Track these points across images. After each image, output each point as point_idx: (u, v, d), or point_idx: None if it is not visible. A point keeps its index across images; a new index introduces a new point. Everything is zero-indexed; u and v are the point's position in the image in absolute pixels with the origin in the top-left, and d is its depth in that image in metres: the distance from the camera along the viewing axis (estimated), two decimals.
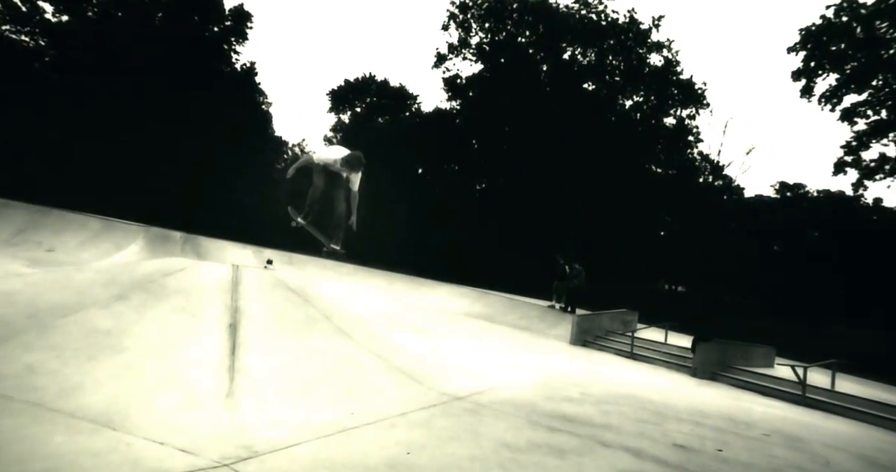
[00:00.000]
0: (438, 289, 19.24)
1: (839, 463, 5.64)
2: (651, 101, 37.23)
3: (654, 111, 37.32)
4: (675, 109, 37.31)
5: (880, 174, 34.54)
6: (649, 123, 36.96)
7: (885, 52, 33.85)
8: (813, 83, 35.64)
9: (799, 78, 35.87)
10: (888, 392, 11.41)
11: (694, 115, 37.13)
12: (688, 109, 36.98)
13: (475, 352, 9.54)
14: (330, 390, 5.32)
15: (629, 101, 37.81)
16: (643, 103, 37.48)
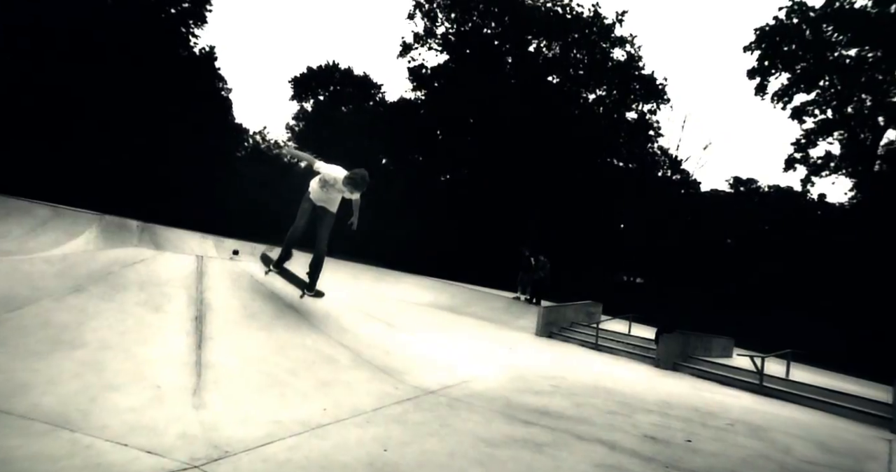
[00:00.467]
0: (403, 280, 19.12)
1: (798, 450, 5.83)
2: (613, 95, 37.81)
3: (616, 105, 37.93)
4: (636, 104, 38.05)
5: (826, 171, 36.14)
6: (611, 117, 37.55)
7: (830, 54, 35.28)
8: (766, 82, 36.92)
9: (754, 76, 37.09)
10: (837, 380, 11.95)
11: (655, 110, 37.96)
12: (649, 104, 37.78)
13: (444, 344, 9.48)
14: (301, 386, 5.17)
15: (592, 94, 38.35)
16: (606, 97, 38.05)
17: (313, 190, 6.30)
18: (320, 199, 6.24)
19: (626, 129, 38.05)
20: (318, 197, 6.23)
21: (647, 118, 37.94)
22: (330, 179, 6.05)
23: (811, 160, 36.52)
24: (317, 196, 6.27)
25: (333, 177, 6.02)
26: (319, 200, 6.25)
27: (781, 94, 36.61)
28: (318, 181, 6.24)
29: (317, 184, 6.27)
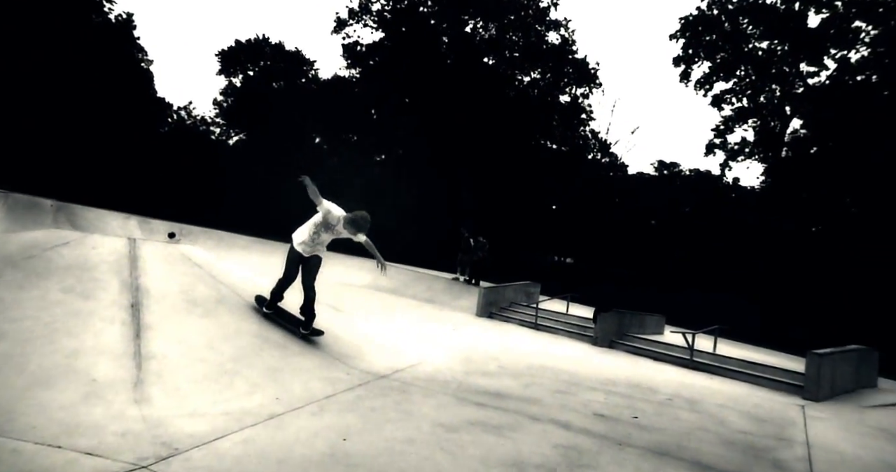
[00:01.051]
0: (341, 262, 18.77)
1: (732, 421, 6.21)
2: (548, 78, 38.31)
3: (550, 88, 38.47)
4: (570, 88, 38.72)
5: (741, 156, 38.41)
6: (545, 100, 38.09)
7: (746, 46, 37.31)
8: (690, 70, 38.57)
9: (679, 64, 38.64)
10: (756, 353, 12.85)
11: (587, 94, 38.79)
12: (582, 88, 38.54)
13: (389, 327, 9.42)
14: (250, 375, 4.95)
15: (527, 77, 38.68)
16: (540, 80, 38.50)
17: (302, 241, 5.95)
18: (307, 250, 5.97)
19: (559, 112, 38.72)
20: (306, 249, 5.96)
21: (580, 102, 38.77)
22: (333, 220, 5.77)
23: (729, 146, 38.68)
24: (304, 248, 5.96)
25: (337, 217, 5.76)
26: (307, 252, 5.99)
27: (703, 81, 38.41)
28: (313, 226, 5.89)
29: (307, 232, 5.91)
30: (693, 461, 4.50)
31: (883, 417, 7.68)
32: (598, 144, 42.00)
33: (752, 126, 37.90)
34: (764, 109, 37.26)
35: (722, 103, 38.30)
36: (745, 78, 37.66)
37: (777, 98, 36.97)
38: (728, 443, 5.23)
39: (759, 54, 37.10)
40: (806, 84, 36.54)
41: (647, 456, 4.46)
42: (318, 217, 5.84)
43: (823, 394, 8.45)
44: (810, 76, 36.40)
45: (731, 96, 38.12)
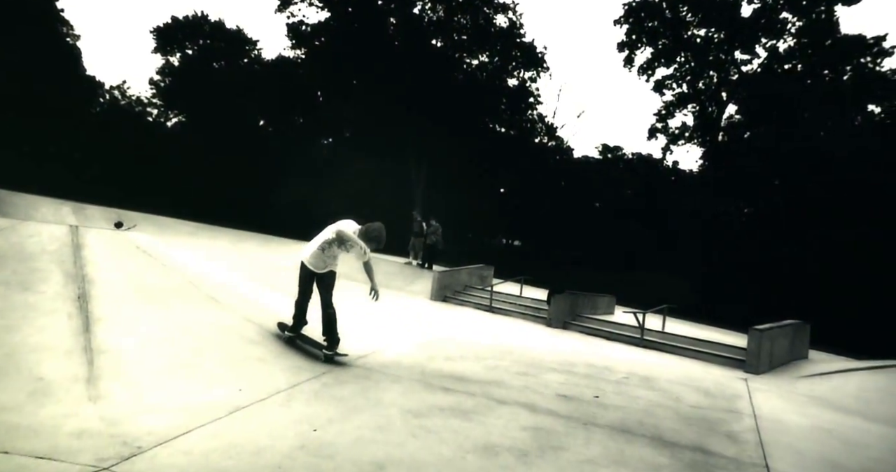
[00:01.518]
0: (290, 247, 18.38)
1: (685, 397, 6.48)
2: (496, 61, 38.32)
3: (497, 72, 38.53)
4: (517, 71, 38.89)
5: (682, 140, 39.84)
6: (493, 84, 38.15)
7: (685, 33, 38.50)
8: (633, 55, 39.44)
9: (623, 49, 39.44)
10: (700, 330, 13.47)
11: (535, 78, 39.09)
12: (529, 72, 38.78)
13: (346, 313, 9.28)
14: (210, 367, 4.78)
15: (475, 60, 38.56)
16: (488, 64, 38.47)
17: (313, 257, 5.71)
18: (320, 266, 5.74)
19: (507, 95, 38.88)
20: (318, 265, 5.73)
21: (528, 86, 39.02)
22: (349, 241, 5.50)
23: (670, 130, 39.99)
24: (317, 264, 5.73)
25: (352, 234, 5.50)
26: (321, 268, 5.76)
27: (646, 67, 39.39)
28: (325, 242, 5.62)
29: (319, 248, 5.67)
30: (655, 437, 4.67)
31: (815, 386, 8.21)
32: (545, 127, 42.57)
33: (691, 111, 39.32)
34: (702, 95, 38.66)
35: (663, 89, 39.48)
36: (685, 64, 38.87)
37: (714, 84, 38.40)
38: (684, 418, 5.45)
39: (698, 42, 38.33)
40: (740, 71, 38.13)
41: (613, 435, 4.59)
42: (332, 235, 5.56)
43: (763, 367, 8.96)
44: (744, 64, 38.01)
45: (672, 82, 39.34)
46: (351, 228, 5.51)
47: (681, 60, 39.22)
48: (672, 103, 39.57)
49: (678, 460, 4.15)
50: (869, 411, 6.99)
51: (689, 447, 4.51)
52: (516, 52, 37.85)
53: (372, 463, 3.36)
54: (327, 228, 5.65)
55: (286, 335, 5.93)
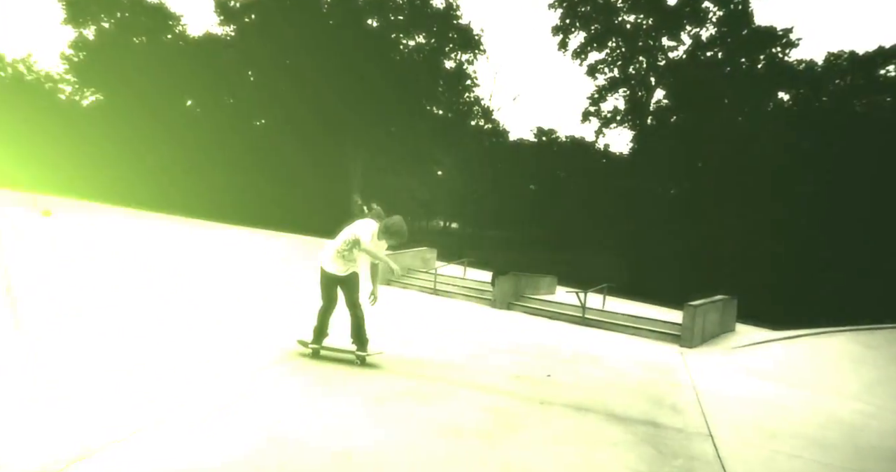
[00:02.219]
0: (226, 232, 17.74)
1: (630, 372, 6.78)
2: (432, 43, 37.97)
3: (434, 54, 38.21)
4: (454, 53, 38.73)
5: (614, 124, 41.11)
6: (430, 66, 37.83)
7: (616, 18, 39.50)
8: (567, 39, 40.11)
9: (557, 33, 40.01)
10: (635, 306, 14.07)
11: (472, 60, 39.07)
12: (466, 54, 38.71)
13: (289, 301, 9.09)
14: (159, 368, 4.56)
15: (412, 41, 38.06)
16: (425, 45, 38.06)
17: (333, 261, 5.42)
18: (342, 269, 5.44)
19: (444, 77, 38.69)
20: (340, 269, 5.42)
21: (465, 68, 39.00)
22: (373, 242, 5.28)
23: (602, 114, 41.14)
24: (338, 268, 5.43)
25: (371, 233, 5.26)
26: (343, 271, 5.45)
27: (579, 51, 40.17)
28: (344, 244, 5.33)
29: (338, 250, 5.37)
30: (608, 412, 4.85)
31: (743, 356, 8.79)
32: (482, 110, 42.77)
33: (622, 95, 40.57)
34: (633, 80, 39.92)
35: (596, 73, 40.47)
36: (616, 49, 39.93)
37: (644, 69, 39.74)
38: (632, 393, 5.70)
39: (628, 27, 39.42)
40: (667, 57, 39.60)
41: (569, 412, 4.73)
42: (350, 236, 5.30)
43: (697, 341, 9.50)
44: (671, 50, 39.49)
45: (604, 66, 40.36)
46: (369, 229, 5.27)
47: (612, 45, 40.23)
48: (604, 87, 40.65)
49: (632, 434, 4.33)
50: (789, 377, 7.55)
51: (640, 420, 4.72)
52: (453, 34, 37.66)
53: (339, 452, 3.32)
54: (345, 229, 5.44)
55: (310, 350, 5.66)
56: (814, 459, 4.24)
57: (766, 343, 9.12)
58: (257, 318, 6.82)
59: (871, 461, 4.37)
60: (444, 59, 38.54)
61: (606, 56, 40.46)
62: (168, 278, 6.54)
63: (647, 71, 40.00)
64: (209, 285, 7.44)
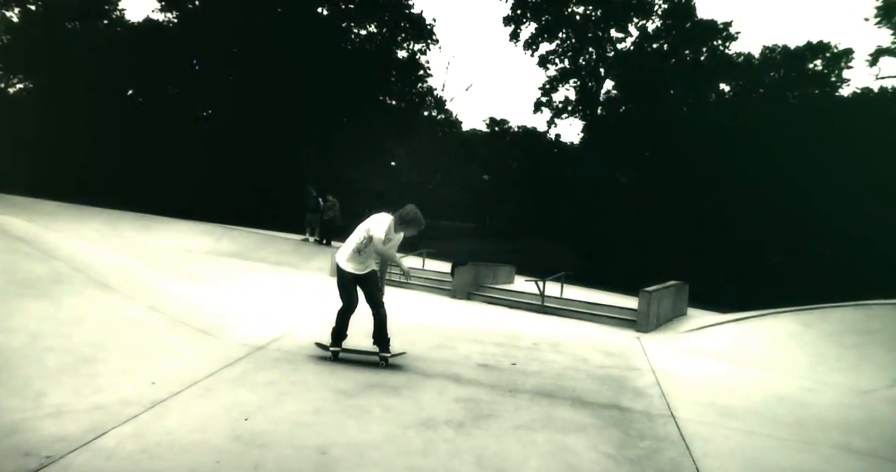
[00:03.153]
0: (174, 227, 17.13)
1: (591, 358, 6.93)
2: (384, 32, 37.52)
3: (386, 43, 37.79)
4: (407, 43, 38.40)
5: (565, 114, 41.80)
6: (383, 56, 37.40)
7: (566, 10, 40.04)
8: (519, 30, 40.45)
9: (509, 23, 40.27)
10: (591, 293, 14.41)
11: (424, 50, 38.85)
12: (419, 44, 38.45)
13: (250, 294, 8.87)
14: (115, 360, 4.37)
15: (363, 30, 37.51)
16: (377, 34, 37.58)
17: (351, 259, 5.26)
18: (360, 268, 5.29)
19: (397, 67, 38.33)
20: (359, 267, 5.28)
21: (417, 58, 38.74)
22: (391, 235, 5.20)
23: (554, 104, 41.75)
24: (357, 267, 5.28)
25: (389, 227, 5.16)
26: (361, 269, 5.31)
27: (530, 42, 40.57)
28: (362, 240, 5.18)
29: (356, 247, 5.22)
30: (574, 398, 4.95)
31: (696, 339, 9.13)
32: (435, 100, 42.68)
33: (573, 86, 41.26)
34: (583, 71, 40.63)
35: (547, 63, 40.98)
36: (566, 40, 40.51)
37: (593, 61, 40.49)
38: (595, 378, 5.83)
39: (578, 19, 40.03)
40: (616, 49, 40.49)
41: (537, 399, 4.80)
42: (365, 233, 5.17)
43: (651, 326, 9.81)
44: (619, 42, 40.42)
45: (555, 57, 40.92)
46: (384, 223, 5.14)
47: (563, 36, 40.80)
48: (555, 78, 41.23)
49: (599, 418, 4.43)
50: (739, 357, 7.90)
51: (606, 405, 4.84)
52: (405, 24, 37.32)
53: (314, 448, 3.27)
54: (360, 226, 5.31)
55: (330, 353, 5.50)
56: (768, 434, 4.46)
57: (716, 326, 9.50)
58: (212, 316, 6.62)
59: (818, 433, 4.62)
60: (396, 48, 38.16)
61: (557, 47, 41.02)
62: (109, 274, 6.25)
63: (597, 62, 40.79)
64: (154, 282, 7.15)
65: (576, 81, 41.12)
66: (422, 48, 38.43)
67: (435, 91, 42.11)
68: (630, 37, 39.84)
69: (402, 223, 5.22)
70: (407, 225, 5.23)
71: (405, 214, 5.21)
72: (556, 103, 41.72)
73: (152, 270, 7.36)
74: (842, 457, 4.10)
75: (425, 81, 40.25)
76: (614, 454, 3.67)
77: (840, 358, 7.50)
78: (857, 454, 4.20)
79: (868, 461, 4.10)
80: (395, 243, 5.39)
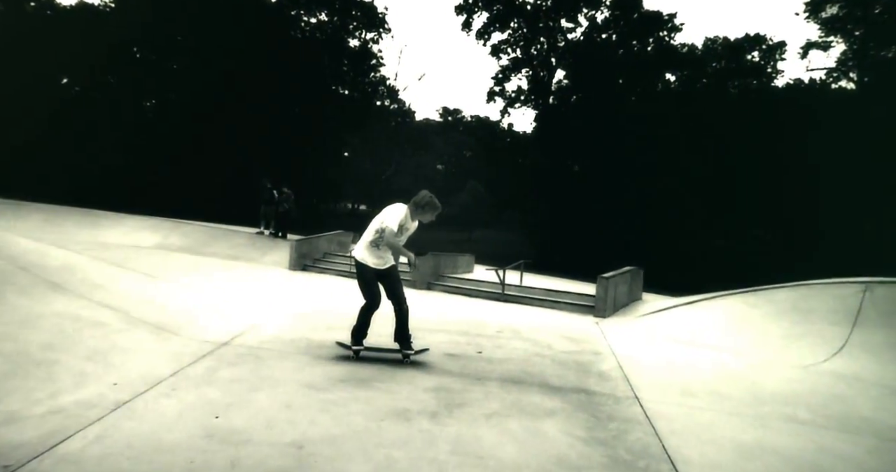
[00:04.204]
0: (120, 222, 16.46)
1: (555, 344, 7.07)
2: (335, 21, 36.78)
3: (337, 32, 37.08)
4: (359, 32, 37.80)
5: (518, 103, 42.12)
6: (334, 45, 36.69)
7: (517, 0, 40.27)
8: (471, 19, 40.38)
9: (461, 13, 40.15)
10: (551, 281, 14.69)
11: (377, 39, 38.33)
12: (371, 33, 37.90)
13: (206, 290, 8.63)
14: (73, 361, 4.19)
15: (314, 19, 36.64)
16: (328, 23, 36.79)
17: (371, 255, 5.22)
18: (380, 263, 5.19)
19: (348, 57, 37.69)
20: (379, 262, 5.19)
21: (369, 47, 38.19)
22: (407, 224, 5.17)
23: (507, 94, 41.99)
24: (378, 262, 5.24)
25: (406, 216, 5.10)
26: (383, 264, 5.21)
27: (483, 31, 40.59)
28: (380, 233, 5.08)
29: (373, 242, 5.13)
30: (542, 384, 5.05)
31: (652, 322, 9.47)
32: (388, 90, 42.25)
33: (525, 75, 41.60)
34: (535, 60, 40.99)
35: (500, 53, 41.14)
36: (518, 30, 40.75)
37: (545, 50, 40.90)
38: (560, 364, 5.96)
39: (529, 9, 40.29)
40: (566, 39, 41.01)
41: (506, 386, 4.87)
42: (379, 225, 5.08)
43: (609, 311, 10.10)
44: (569, 32, 40.93)
45: (507, 47, 41.11)
46: (398, 213, 5.06)
47: (514, 26, 41.01)
48: (508, 68, 41.44)
49: (568, 402, 4.54)
50: (693, 339, 8.24)
51: (572, 389, 4.96)
52: (356, 12, 36.70)
53: (290, 443, 3.22)
54: (375, 218, 5.20)
55: (354, 352, 5.38)
56: (725, 411, 4.67)
57: (670, 310, 9.86)
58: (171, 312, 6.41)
59: (769, 407, 4.88)
60: (347, 37, 37.48)
61: (509, 37, 41.22)
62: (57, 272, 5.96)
63: (548, 52, 41.21)
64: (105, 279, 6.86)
65: (528, 70, 41.46)
66: (374, 37, 37.97)
67: (388, 81, 41.72)
68: (580, 27, 40.41)
69: (417, 210, 5.18)
70: (423, 210, 5.18)
71: (419, 199, 5.16)
72: (509, 93, 42.02)
73: (103, 267, 7.04)
74: (790, 428, 4.35)
75: (378, 70, 39.82)
76: (585, 436, 3.77)
77: (784, 336, 7.93)
78: (801, 425, 4.46)
79: (810, 429, 4.36)
80: (410, 233, 5.36)
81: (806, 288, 8.82)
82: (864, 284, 8.27)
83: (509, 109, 42.14)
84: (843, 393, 5.72)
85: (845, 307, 8.04)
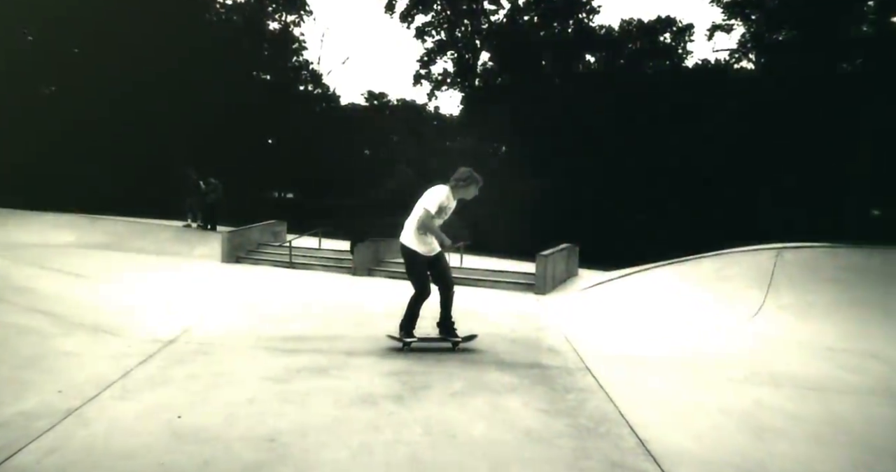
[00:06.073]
0: (31, 220, 15.33)
1: (504, 323, 7.24)
2: (252, 3, 35.12)
3: (255, 14, 35.46)
4: (279, 14, 36.31)
5: (444, 86, 42.05)
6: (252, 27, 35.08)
7: None
8: (394, 1, 39.76)
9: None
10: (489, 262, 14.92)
11: (298, 21, 36.98)
12: (291, 16, 36.53)
13: (141, 287, 8.22)
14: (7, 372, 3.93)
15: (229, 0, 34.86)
16: (245, 5, 35.09)
17: (421, 241, 5.20)
18: (427, 249, 5.22)
19: (269, 40, 36.17)
20: (427, 248, 5.24)
21: (290, 30, 36.80)
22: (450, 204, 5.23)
23: (433, 76, 41.79)
24: (427, 248, 5.23)
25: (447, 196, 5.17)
26: (432, 251, 5.27)
27: (406, 13, 40.07)
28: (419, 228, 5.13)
29: (417, 231, 5.15)
30: (498, 361, 5.19)
31: (591, 296, 9.90)
32: (310, 74, 41.03)
33: (451, 58, 41.51)
34: (459, 43, 40.98)
35: (424, 36, 40.77)
36: (442, 12, 40.52)
37: (469, 33, 40.95)
38: (511, 341, 6.14)
39: None
40: (490, 21, 41.20)
41: (465, 366, 4.98)
42: (420, 210, 5.08)
43: (549, 288, 10.44)
44: (492, 13, 41.11)
45: (432, 29, 40.80)
46: (438, 195, 5.11)
47: (437, 8, 40.71)
48: (433, 50, 41.21)
49: (525, 377, 4.70)
50: (632, 310, 8.71)
51: (527, 365, 5.13)
52: None
53: (261, 438, 3.17)
54: (417, 203, 5.16)
55: (406, 344, 5.32)
56: (670, 375, 5.01)
57: (606, 283, 10.34)
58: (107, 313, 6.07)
59: (708, 370, 5.27)
60: (267, 20, 35.91)
61: (433, 19, 40.90)
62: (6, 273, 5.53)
63: (472, 34, 41.30)
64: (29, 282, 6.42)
65: (453, 52, 41.39)
66: (295, 20, 36.58)
67: (311, 65, 40.44)
68: (502, 9, 40.68)
69: (459, 187, 5.21)
70: (466, 186, 5.21)
71: (460, 176, 5.19)
72: (434, 75, 41.81)
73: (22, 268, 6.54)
74: (728, 387, 4.74)
75: (300, 54, 38.48)
76: (548, 408, 3.93)
77: (714, 301, 8.54)
78: (738, 383, 4.87)
79: (747, 387, 4.77)
80: (448, 213, 5.34)
81: (728, 256, 9.50)
82: (776, 249, 9.02)
83: (436, 91, 42.03)
84: (767, 351, 6.26)
85: (760, 273, 8.75)
